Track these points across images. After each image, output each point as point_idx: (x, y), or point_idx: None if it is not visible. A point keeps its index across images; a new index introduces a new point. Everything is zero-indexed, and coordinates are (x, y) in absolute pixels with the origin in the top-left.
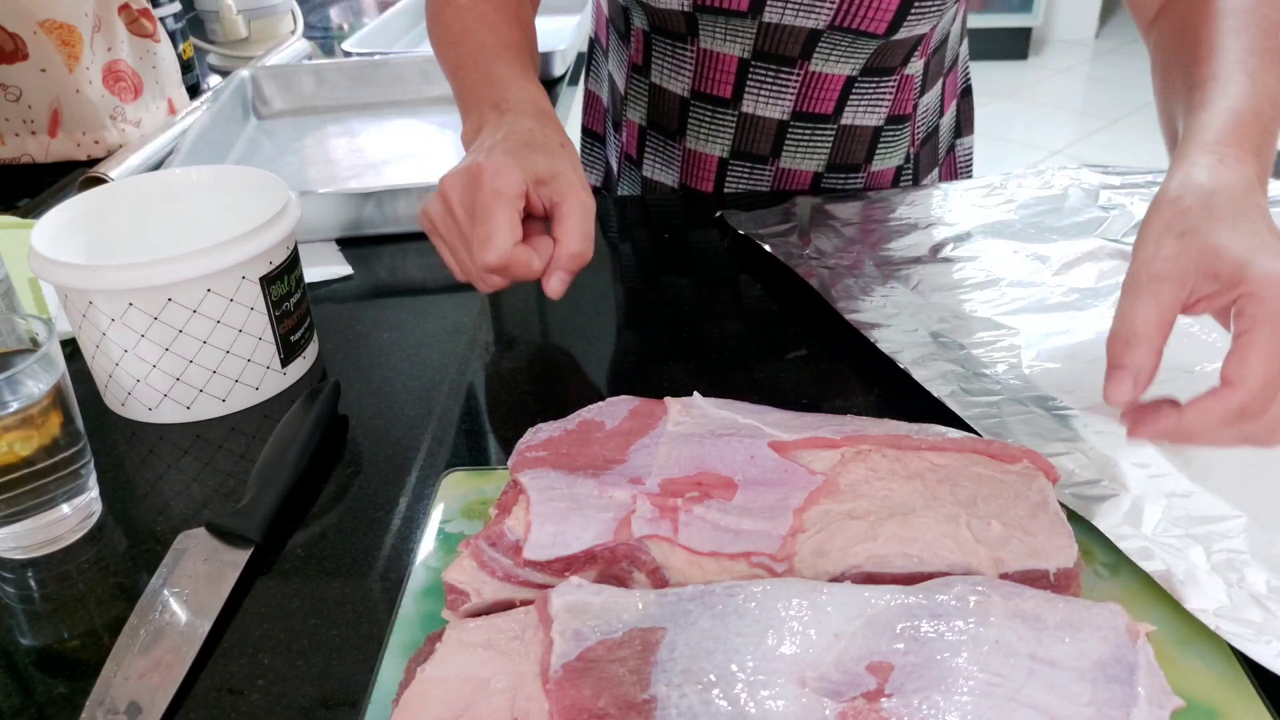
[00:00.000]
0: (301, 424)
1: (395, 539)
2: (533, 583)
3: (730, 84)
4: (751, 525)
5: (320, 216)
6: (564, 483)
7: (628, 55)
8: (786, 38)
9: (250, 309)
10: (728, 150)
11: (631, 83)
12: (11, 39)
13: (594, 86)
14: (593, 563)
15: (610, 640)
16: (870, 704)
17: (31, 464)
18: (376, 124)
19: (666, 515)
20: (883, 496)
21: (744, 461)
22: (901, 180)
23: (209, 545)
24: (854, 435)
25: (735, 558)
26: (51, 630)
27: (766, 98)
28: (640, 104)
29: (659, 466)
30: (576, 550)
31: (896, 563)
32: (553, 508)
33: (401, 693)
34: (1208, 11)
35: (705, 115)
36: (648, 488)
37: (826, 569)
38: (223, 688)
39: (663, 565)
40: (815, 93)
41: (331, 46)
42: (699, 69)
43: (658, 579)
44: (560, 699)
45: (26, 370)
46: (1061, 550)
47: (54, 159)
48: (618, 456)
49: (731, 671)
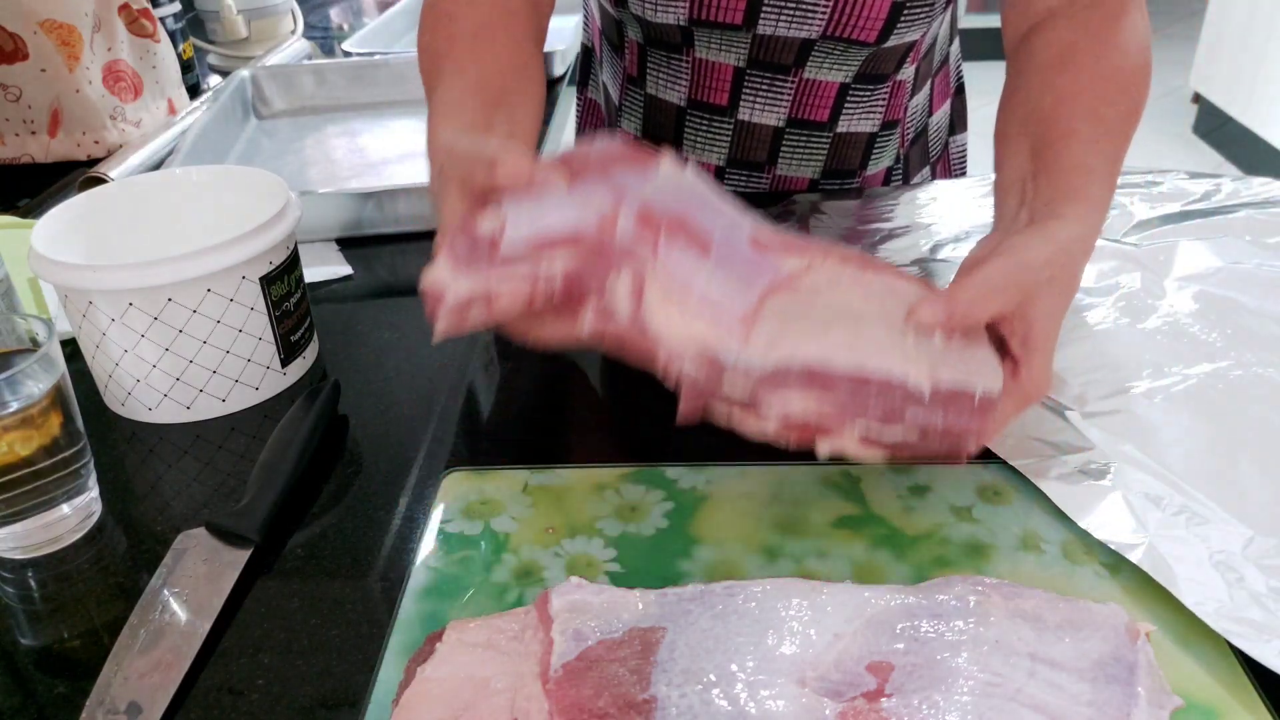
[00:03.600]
0: (301, 424)
1: (395, 539)
2: (510, 275)
3: (726, 92)
4: (717, 296)
5: (320, 216)
6: (541, 195)
7: (622, 67)
8: (780, 48)
9: (250, 309)
10: (724, 159)
11: (626, 94)
12: (11, 39)
13: (594, 94)
14: (575, 246)
15: (610, 640)
16: (870, 704)
17: (31, 464)
18: (376, 124)
19: (648, 234)
20: (841, 303)
21: (722, 233)
22: (892, 180)
23: (209, 545)
24: (827, 249)
25: (693, 315)
26: (51, 630)
27: (763, 105)
28: (635, 115)
29: (643, 196)
30: (559, 229)
31: (840, 360)
32: (531, 205)
33: (401, 693)
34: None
35: (702, 124)
36: (628, 205)
37: (773, 359)
38: (223, 688)
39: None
40: (810, 100)
41: (331, 46)
42: (695, 78)
43: (636, 301)
44: (560, 699)
45: (26, 370)
46: (991, 376)
47: (54, 159)
48: (601, 181)
49: (731, 671)
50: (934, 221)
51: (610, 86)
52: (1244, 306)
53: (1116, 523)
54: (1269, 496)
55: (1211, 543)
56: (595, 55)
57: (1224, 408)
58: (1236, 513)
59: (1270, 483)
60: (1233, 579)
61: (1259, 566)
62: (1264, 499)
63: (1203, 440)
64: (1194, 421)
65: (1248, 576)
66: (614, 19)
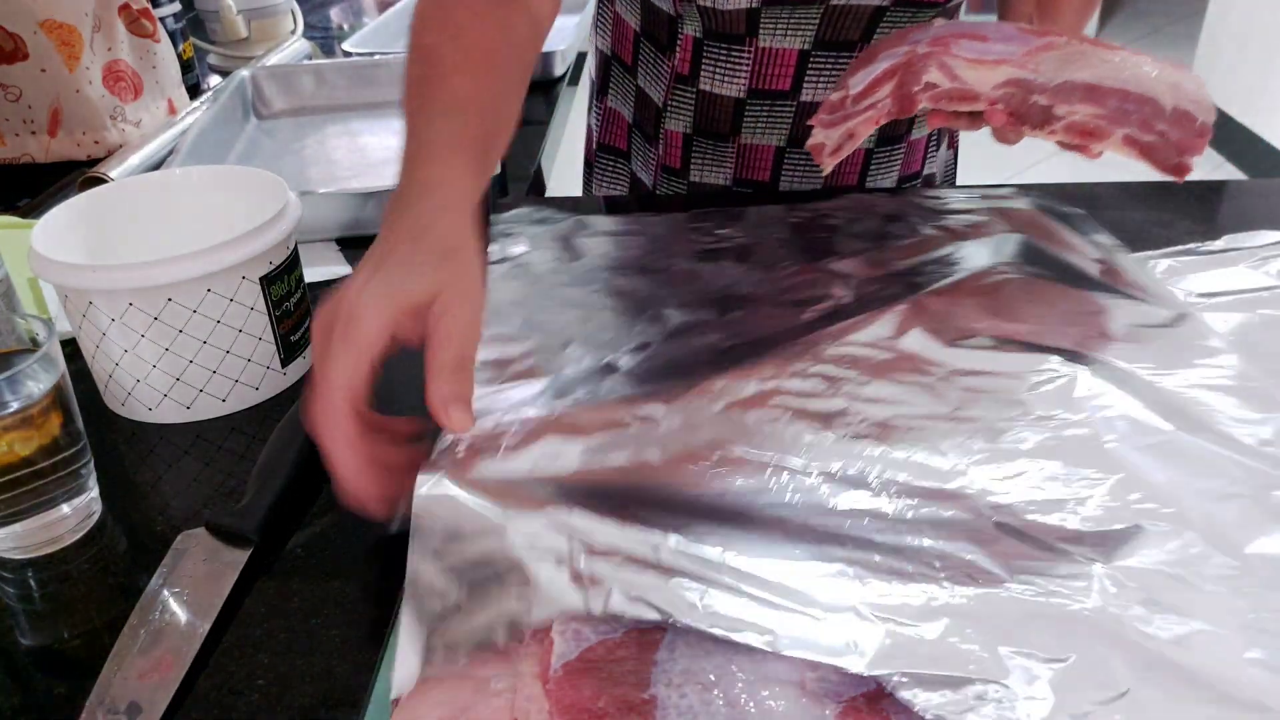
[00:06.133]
0: (301, 424)
1: (395, 539)
2: (858, 112)
3: (790, 78)
4: (1005, 52)
5: (320, 216)
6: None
7: (670, 66)
8: (850, 21)
9: (250, 309)
10: (784, 139)
11: (674, 94)
12: (11, 39)
13: (615, 104)
14: (893, 74)
15: (610, 640)
16: (870, 704)
17: (31, 464)
18: (376, 124)
19: (940, 43)
20: (1096, 56)
21: (993, 28)
22: (930, 147)
23: (209, 545)
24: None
25: (996, 63)
26: (51, 630)
27: (826, 84)
28: (685, 114)
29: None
30: (881, 68)
31: (1108, 81)
32: (856, 67)
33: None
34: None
35: (762, 112)
36: (911, 42)
37: (1060, 79)
38: (223, 688)
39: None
40: None
41: (331, 46)
42: (756, 68)
43: (949, 74)
44: (560, 699)
45: (26, 370)
46: (1206, 112)
47: (54, 159)
48: (884, 50)
49: (731, 671)
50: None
51: (651, 89)
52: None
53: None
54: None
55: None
56: (624, 63)
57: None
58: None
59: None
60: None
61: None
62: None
63: None
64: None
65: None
66: (668, 16)
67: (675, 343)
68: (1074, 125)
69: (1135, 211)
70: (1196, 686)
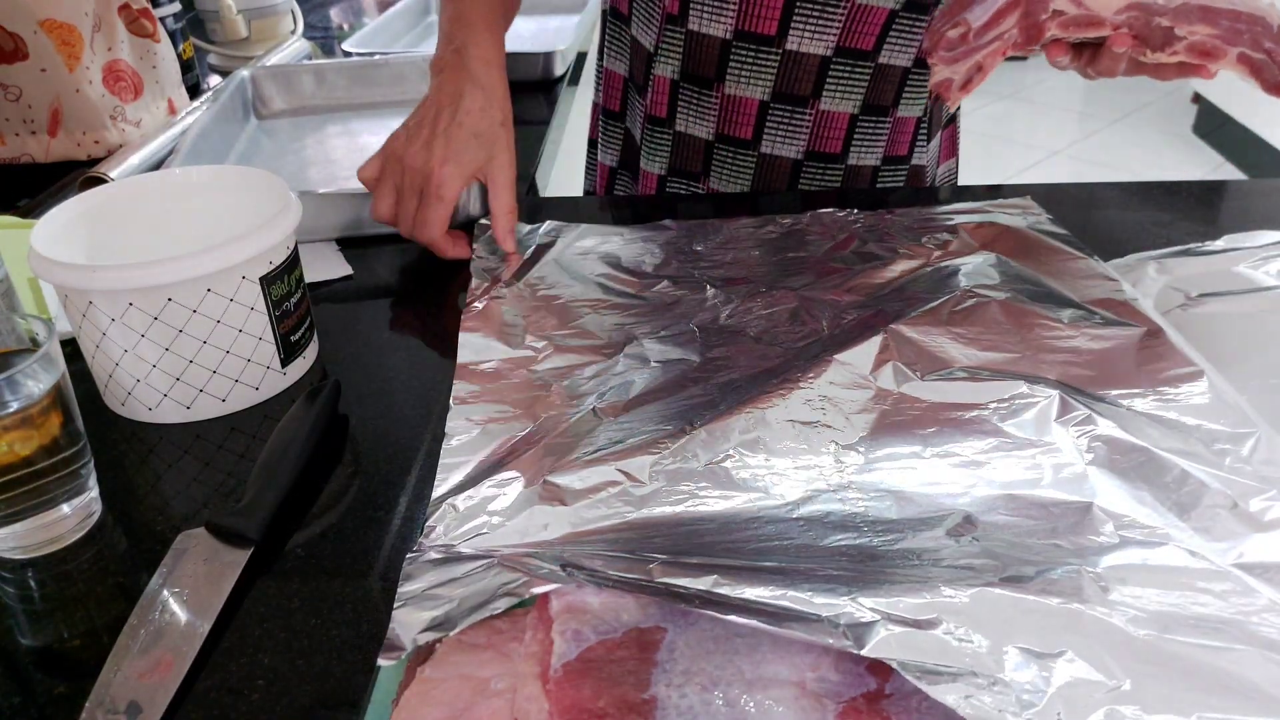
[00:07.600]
0: (301, 424)
1: (395, 539)
2: (983, 47)
3: (775, 20)
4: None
5: (320, 216)
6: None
7: (662, 7)
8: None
9: (250, 309)
10: (768, 93)
11: (665, 35)
12: (11, 39)
13: (611, 63)
14: (1015, 7)
15: (610, 640)
16: (870, 704)
17: (31, 464)
18: (376, 124)
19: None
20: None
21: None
22: (919, 130)
23: (209, 545)
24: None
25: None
26: (51, 630)
27: (811, 33)
28: (674, 57)
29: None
30: (1000, 3)
31: (1221, 3)
32: (971, 7)
33: (401, 693)
34: None
35: (748, 56)
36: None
37: (1177, 1)
38: (223, 688)
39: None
40: (858, 26)
41: (331, 46)
42: (743, 6)
43: (1075, 3)
44: (560, 699)
45: (26, 370)
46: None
47: (54, 159)
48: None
49: (731, 672)
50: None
51: (643, 35)
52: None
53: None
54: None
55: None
56: (621, 12)
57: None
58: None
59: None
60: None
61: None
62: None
63: None
64: None
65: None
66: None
67: (657, 384)
68: (1195, 45)
69: (1135, 211)
70: (1194, 678)
